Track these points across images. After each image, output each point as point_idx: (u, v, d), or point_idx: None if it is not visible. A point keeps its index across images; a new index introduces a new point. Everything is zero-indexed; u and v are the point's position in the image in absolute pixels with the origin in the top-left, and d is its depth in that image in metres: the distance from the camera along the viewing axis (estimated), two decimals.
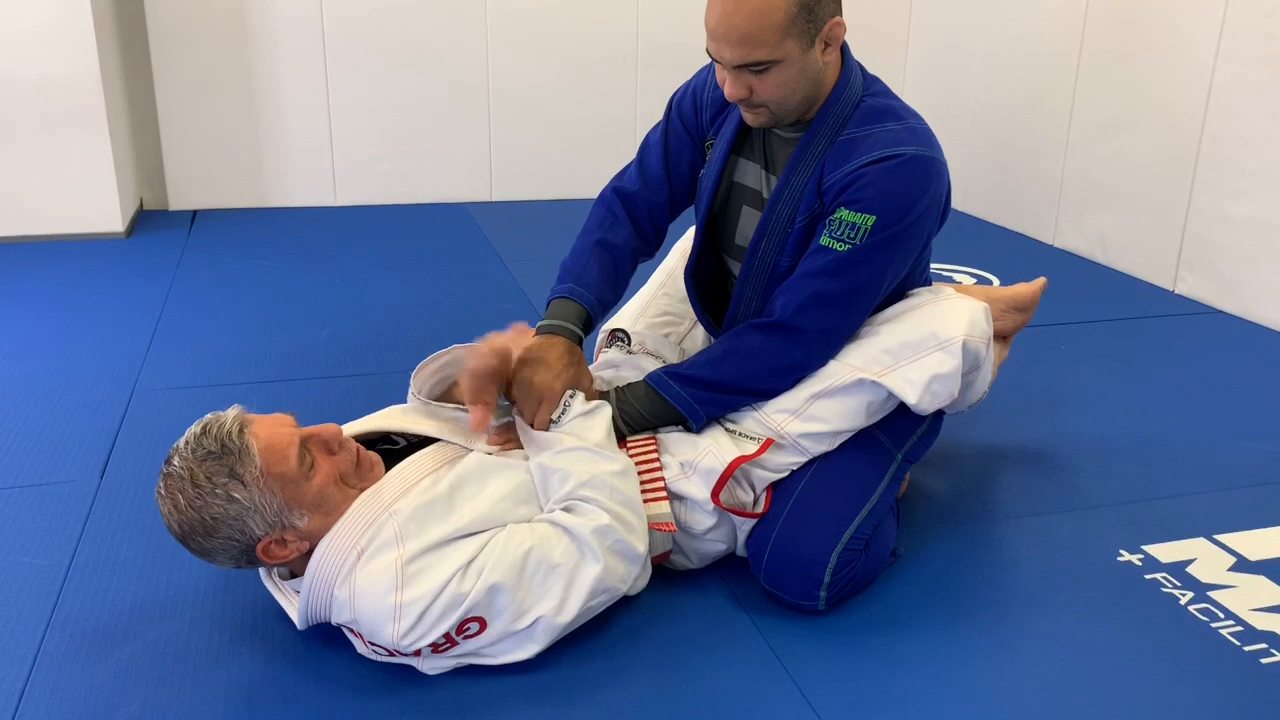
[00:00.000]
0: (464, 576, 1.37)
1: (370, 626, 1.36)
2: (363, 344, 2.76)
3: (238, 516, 1.35)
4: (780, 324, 1.64)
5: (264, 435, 1.38)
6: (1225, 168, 3.11)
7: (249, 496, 1.35)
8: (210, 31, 4.01)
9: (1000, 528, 1.89)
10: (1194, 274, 3.26)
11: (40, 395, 2.39)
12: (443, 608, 1.35)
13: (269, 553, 1.39)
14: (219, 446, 1.35)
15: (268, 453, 1.36)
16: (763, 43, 1.50)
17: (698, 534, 1.63)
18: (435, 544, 1.38)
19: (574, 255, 1.80)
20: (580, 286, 1.74)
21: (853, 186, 1.58)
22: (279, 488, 1.36)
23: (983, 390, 1.84)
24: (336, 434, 1.46)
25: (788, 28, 1.49)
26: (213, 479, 1.34)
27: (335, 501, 1.42)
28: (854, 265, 1.60)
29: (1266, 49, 2.94)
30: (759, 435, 1.63)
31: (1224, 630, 1.58)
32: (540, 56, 4.36)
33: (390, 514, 1.40)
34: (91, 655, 1.47)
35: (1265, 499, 1.99)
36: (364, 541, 1.38)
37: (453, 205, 4.40)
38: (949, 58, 4.44)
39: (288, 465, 1.37)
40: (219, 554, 1.40)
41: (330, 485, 1.42)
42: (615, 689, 1.42)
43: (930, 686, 1.44)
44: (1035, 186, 3.96)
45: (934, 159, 1.62)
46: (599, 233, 1.81)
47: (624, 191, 1.85)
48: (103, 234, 3.75)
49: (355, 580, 1.36)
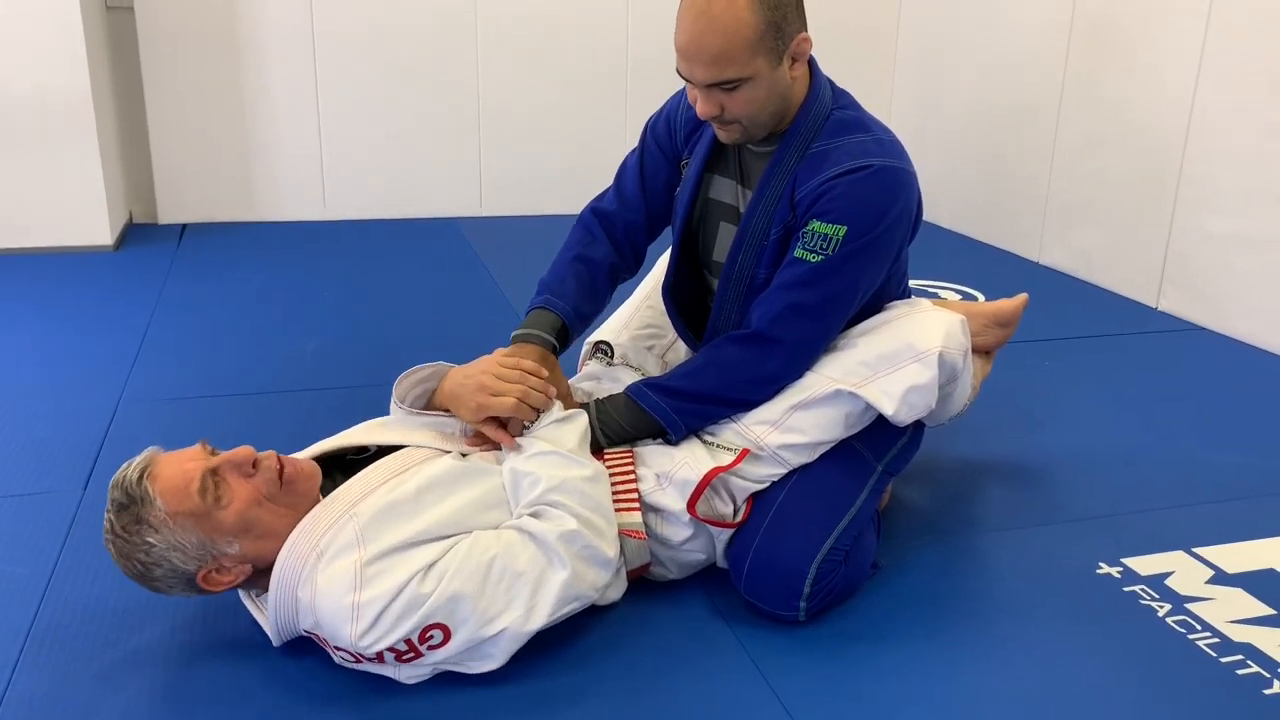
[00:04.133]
0: (424, 578, 1.37)
1: (330, 628, 1.36)
2: (350, 357, 2.77)
3: (162, 557, 1.37)
4: (757, 335, 1.65)
5: (164, 477, 1.38)
6: (1207, 185, 3.14)
7: (162, 539, 1.36)
8: (201, 45, 4.03)
9: (981, 540, 1.90)
10: (1176, 290, 3.29)
11: (26, 406, 2.39)
12: (401, 609, 1.34)
13: (210, 581, 1.41)
14: (125, 497, 1.37)
15: (168, 494, 1.36)
16: (732, 61, 1.52)
17: (675, 545, 1.63)
18: (397, 546, 1.38)
19: (551, 271, 1.83)
20: (556, 298, 1.76)
21: (824, 198, 1.61)
22: (191, 524, 1.37)
23: (962, 403, 1.86)
24: (248, 456, 1.44)
25: (756, 45, 1.52)
26: (128, 529, 1.36)
27: (266, 522, 1.41)
28: (827, 275, 1.63)
29: (1247, 67, 2.97)
30: (736, 446, 1.64)
31: (1201, 642, 1.59)
32: (531, 72, 4.39)
33: (351, 516, 1.41)
34: (72, 663, 1.47)
35: (1244, 512, 2.00)
36: (324, 543, 1.38)
37: (442, 220, 4.41)
38: (935, 75, 4.48)
39: (191, 502, 1.37)
40: (167, 589, 1.42)
41: (252, 509, 1.40)
42: (594, 700, 1.43)
43: (910, 698, 1.45)
44: (1020, 204, 3.99)
45: (902, 169, 1.64)
46: (576, 249, 1.85)
47: (601, 211, 1.88)
48: (91, 247, 3.75)
49: (316, 581, 1.37)
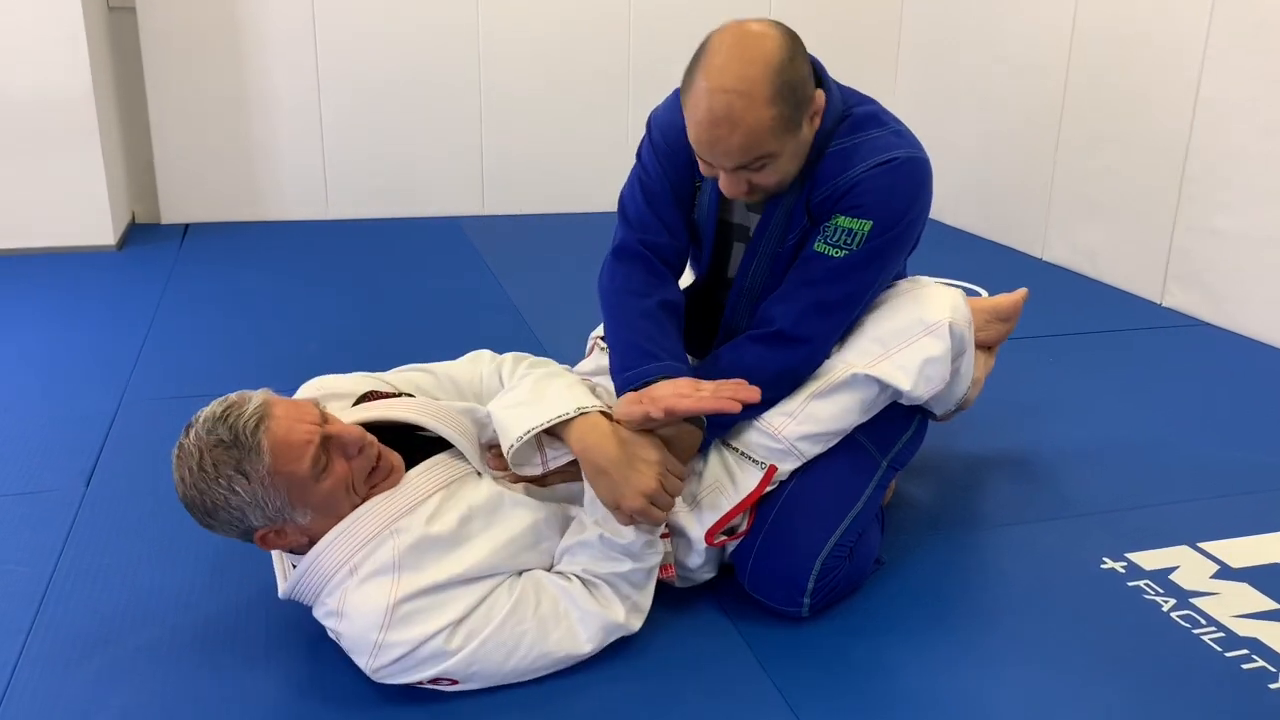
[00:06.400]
0: (453, 634, 1.34)
1: (349, 646, 1.37)
2: (352, 357, 2.75)
3: (238, 507, 1.31)
4: (781, 334, 1.62)
5: (280, 433, 1.31)
6: (1212, 181, 3.13)
7: (252, 491, 1.30)
8: (203, 45, 4.03)
9: (985, 536, 1.89)
10: (1181, 287, 3.28)
11: (29, 405, 2.39)
12: (423, 658, 1.33)
13: (267, 540, 1.38)
14: (231, 436, 1.29)
15: (280, 450, 1.30)
16: (758, 152, 1.48)
17: (689, 569, 1.63)
18: (432, 586, 1.34)
19: (651, 324, 1.64)
20: (674, 360, 1.60)
21: (851, 193, 1.58)
22: (286, 487, 1.31)
23: (966, 384, 1.83)
24: (360, 438, 1.38)
25: (780, 130, 1.47)
26: (219, 467, 1.29)
27: (343, 506, 1.38)
28: (851, 270, 1.60)
29: (1251, 63, 2.96)
30: (762, 460, 1.61)
31: (1206, 637, 1.58)
32: (533, 71, 4.38)
33: (393, 533, 1.37)
34: (72, 662, 1.47)
35: (1248, 507, 2.00)
36: (359, 558, 1.35)
37: (445, 219, 4.41)
38: (939, 71, 4.47)
39: (299, 466, 1.31)
40: (218, 530, 1.37)
41: (341, 489, 1.36)
42: (596, 697, 1.42)
43: (914, 693, 1.44)
44: (1024, 201, 3.98)
45: (924, 160, 1.63)
46: (658, 294, 1.68)
47: (654, 245, 1.72)
48: (94, 247, 3.75)
49: (346, 598, 1.34)
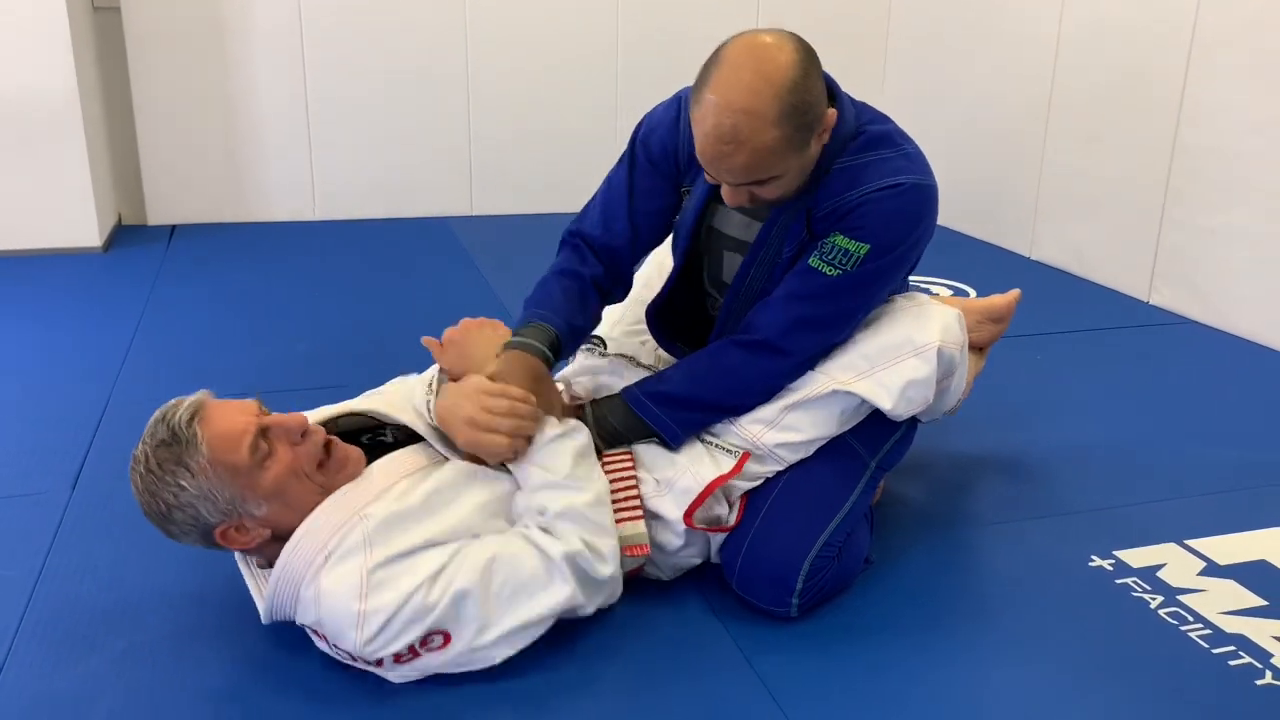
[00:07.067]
0: (431, 587, 1.36)
1: (334, 630, 1.36)
2: (340, 358, 2.76)
3: (189, 504, 1.36)
4: (766, 344, 1.61)
5: (216, 424, 1.37)
6: (1199, 180, 3.14)
7: (197, 485, 1.35)
8: (188, 45, 4.01)
9: (974, 534, 1.90)
10: (1168, 285, 3.29)
11: (14, 407, 2.37)
12: (407, 618, 1.34)
13: (227, 538, 1.40)
14: (169, 434, 1.35)
15: (216, 442, 1.35)
16: (764, 170, 1.46)
17: (670, 551, 1.63)
18: (403, 552, 1.37)
19: (538, 288, 1.73)
20: (547, 311, 1.67)
21: (853, 214, 1.56)
22: (229, 477, 1.36)
23: (955, 399, 1.85)
24: (301, 424, 1.43)
25: (788, 149, 1.45)
26: (163, 466, 1.35)
27: (297, 493, 1.40)
28: (842, 291, 1.59)
29: (1238, 62, 2.97)
30: (736, 448, 1.63)
31: (1193, 633, 1.59)
32: (521, 71, 4.37)
33: (361, 518, 1.39)
34: (59, 664, 1.46)
35: (1235, 505, 2.00)
36: (332, 544, 1.37)
37: (433, 219, 4.40)
38: (926, 70, 4.48)
39: (237, 456, 1.35)
40: (180, 535, 1.41)
41: (289, 477, 1.40)
42: (587, 697, 1.42)
43: (903, 692, 1.44)
44: (1012, 200, 3.99)
45: (931, 187, 1.61)
46: (563, 266, 1.75)
47: (587, 236, 1.76)
48: (80, 248, 3.73)
49: (321, 583, 1.36)
